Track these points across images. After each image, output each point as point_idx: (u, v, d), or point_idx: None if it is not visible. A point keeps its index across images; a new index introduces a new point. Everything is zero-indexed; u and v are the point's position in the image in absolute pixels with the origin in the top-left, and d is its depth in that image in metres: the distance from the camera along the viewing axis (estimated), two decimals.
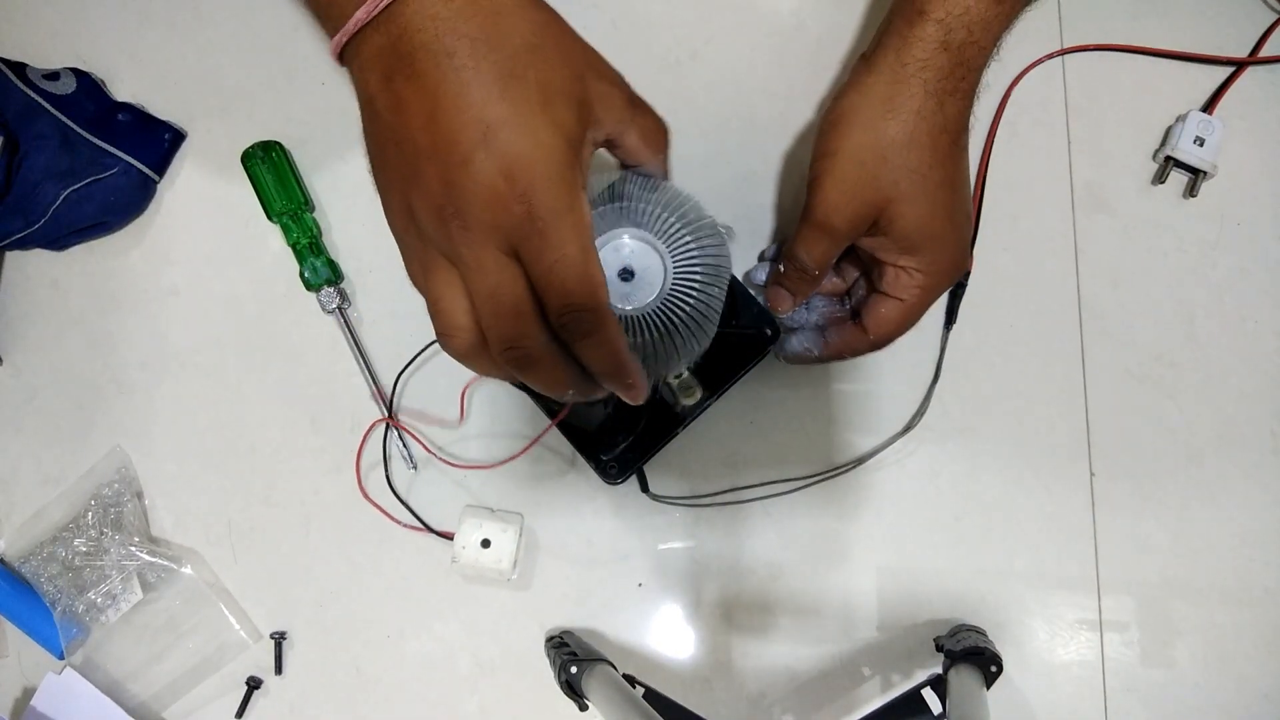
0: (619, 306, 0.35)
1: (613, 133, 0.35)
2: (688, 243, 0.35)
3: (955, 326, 0.55)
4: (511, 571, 0.51)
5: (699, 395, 0.41)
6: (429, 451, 0.55)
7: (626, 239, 0.35)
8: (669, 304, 0.35)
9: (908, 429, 0.54)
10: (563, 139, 0.31)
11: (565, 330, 0.31)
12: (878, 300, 0.45)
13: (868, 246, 0.43)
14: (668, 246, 0.35)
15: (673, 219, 0.36)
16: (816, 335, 0.49)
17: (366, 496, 0.54)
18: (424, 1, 0.30)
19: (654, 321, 0.35)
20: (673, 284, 0.35)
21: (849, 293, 0.50)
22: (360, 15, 0.31)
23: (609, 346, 0.32)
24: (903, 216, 0.40)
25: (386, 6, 0.30)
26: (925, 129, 0.40)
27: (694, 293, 0.35)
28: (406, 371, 0.55)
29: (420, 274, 0.33)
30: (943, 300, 0.55)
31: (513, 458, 0.53)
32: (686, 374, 0.41)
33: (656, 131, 0.39)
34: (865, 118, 0.41)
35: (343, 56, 0.33)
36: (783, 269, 0.47)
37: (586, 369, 0.33)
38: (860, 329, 0.46)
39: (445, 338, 0.33)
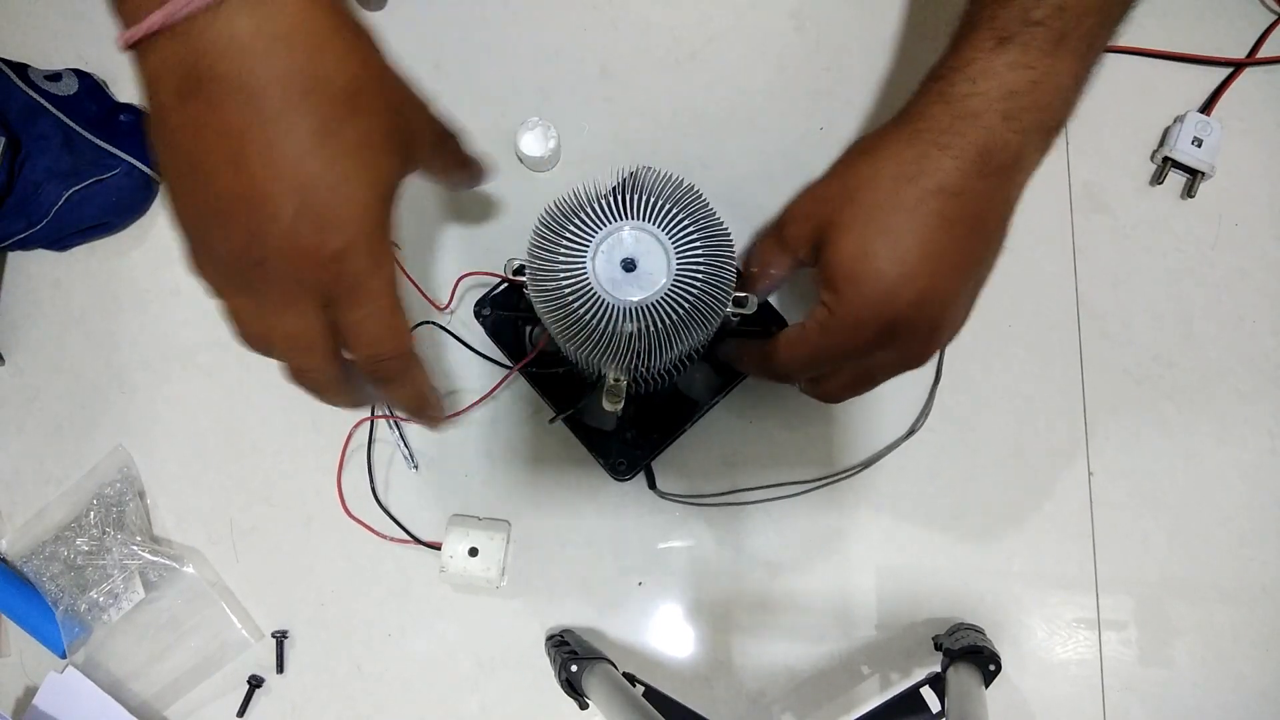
0: (620, 298, 0.35)
1: (423, 164, 0.36)
2: (691, 235, 0.36)
3: None
4: (500, 579, 0.51)
5: (621, 407, 0.40)
6: (394, 417, 0.55)
7: (629, 230, 0.36)
8: (671, 296, 0.35)
9: (911, 432, 0.54)
10: (378, 195, 0.31)
11: (372, 375, 0.33)
12: (796, 325, 0.41)
13: (811, 278, 0.40)
14: (671, 239, 0.35)
15: (677, 211, 0.36)
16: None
17: (349, 514, 0.54)
18: (231, 24, 0.28)
19: (655, 312, 0.35)
20: (675, 276, 0.35)
21: None
22: (155, 19, 0.28)
23: (413, 388, 0.34)
24: (833, 243, 0.37)
25: (187, 17, 0.28)
26: (890, 172, 0.36)
27: (697, 285, 0.35)
28: None
29: (211, 283, 0.33)
30: None
31: (474, 404, 0.53)
32: (615, 380, 0.40)
33: (459, 149, 0.40)
34: (857, 153, 0.39)
35: (132, 45, 0.30)
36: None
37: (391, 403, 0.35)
38: (759, 342, 0.42)
39: (243, 342, 0.34)
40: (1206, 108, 0.57)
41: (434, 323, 0.54)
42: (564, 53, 0.59)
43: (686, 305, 0.35)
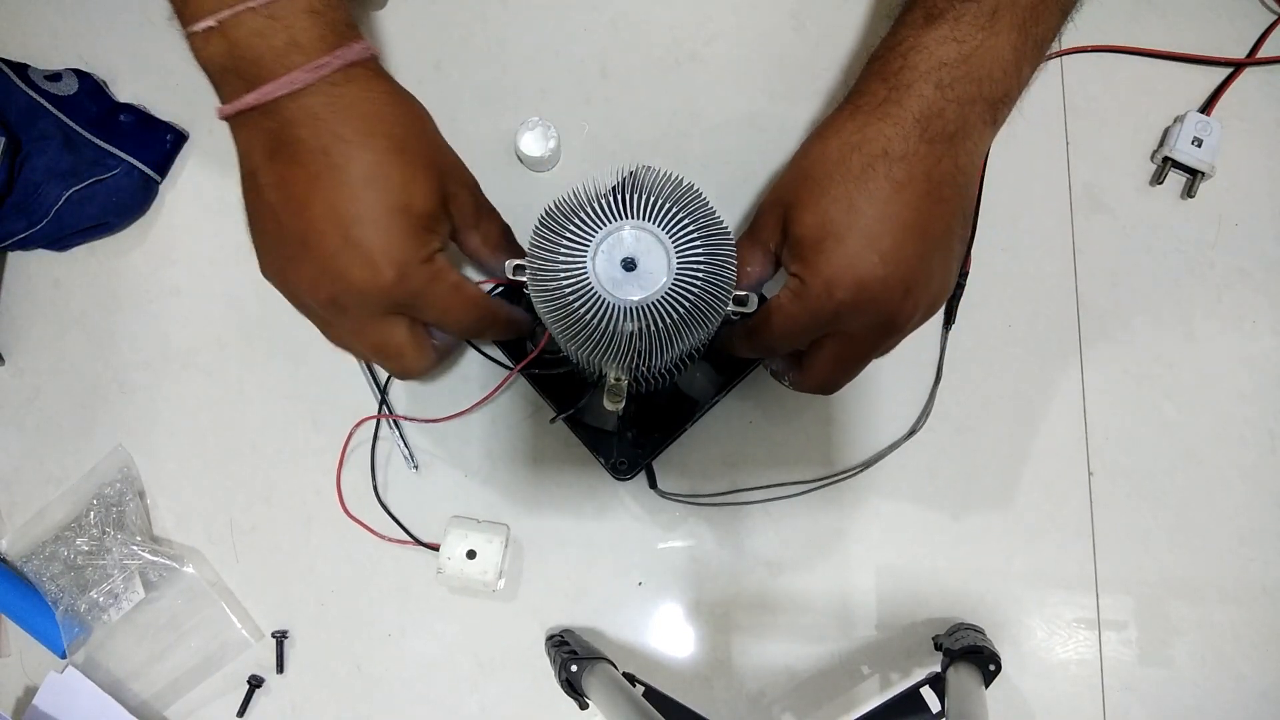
0: (621, 297, 0.35)
1: (459, 230, 0.41)
2: (691, 234, 0.35)
3: (953, 327, 0.55)
4: (496, 582, 0.51)
5: (622, 406, 0.40)
6: (398, 418, 0.55)
7: (629, 230, 0.35)
8: (672, 295, 0.35)
9: (912, 432, 0.54)
10: (423, 225, 0.37)
11: (471, 335, 0.41)
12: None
13: (784, 261, 0.41)
14: (671, 238, 0.35)
15: (677, 210, 0.35)
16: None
17: (348, 513, 0.54)
18: (308, 102, 0.35)
19: (656, 311, 0.35)
20: (676, 275, 0.35)
21: None
22: (250, 99, 0.35)
23: (505, 329, 0.43)
24: (795, 221, 0.38)
25: (275, 98, 0.35)
26: (835, 145, 0.38)
27: (697, 283, 0.35)
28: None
29: (315, 323, 0.40)
30: None
31: (482, 401, 0.53)
32: (616, 379, 0.40)
33: (498, 236, 0.45)
34: (809, 139, 0.41)
35: (228, 117, 0.37)
36: None
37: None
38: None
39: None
40: (1206, 108, 0.57)
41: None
42: (564, 53, 0.59)
43: (687, 304, 0.35)
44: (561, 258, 0.35)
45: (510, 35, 0.59)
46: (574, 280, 0.35)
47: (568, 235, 0.35)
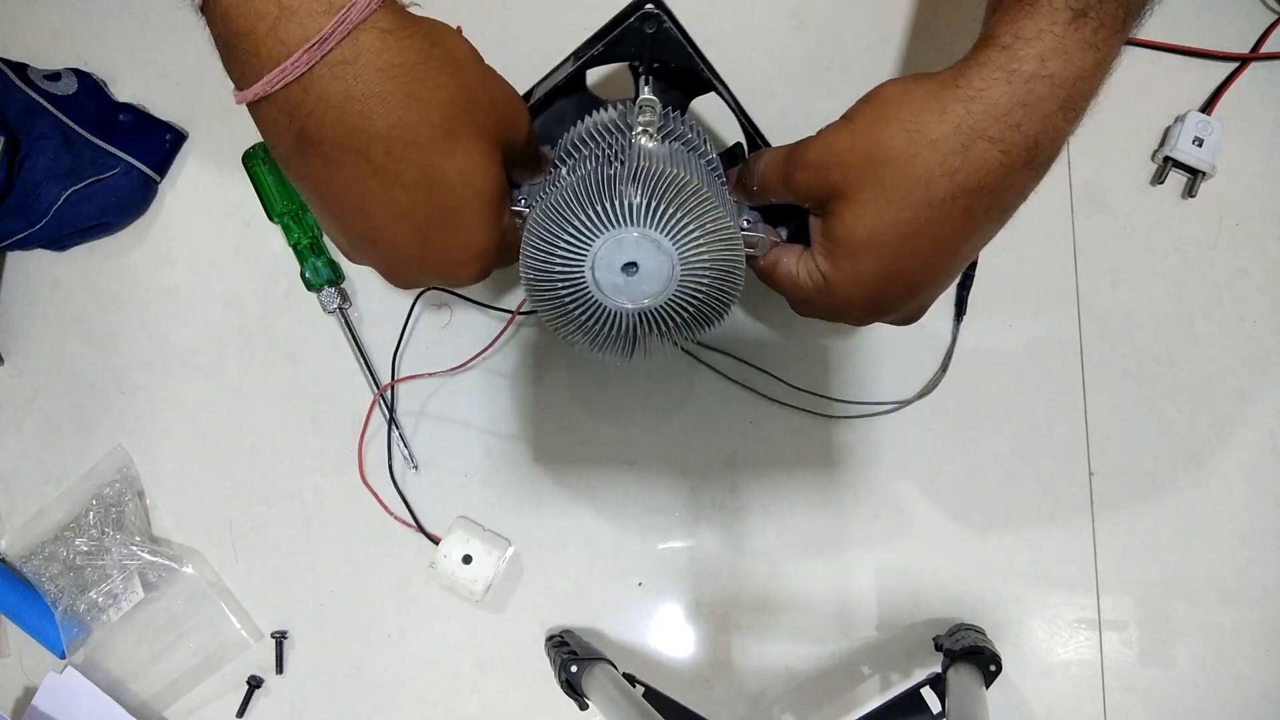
0: (624, 303, 0.33)
1: (510, 168, 0.37)
2: (694, 234, 0.33)
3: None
4: (483, 595, 0.51)
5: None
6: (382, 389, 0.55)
7: (626, 234, 0.33)
8: (679, 295, 0.34)
9: (923, 393, 0.54)
10: (493, 205, 0.33)
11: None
12: (796, 253, 0.38)
13: (813, 233, 0.37)
14: (673, 240, 0.33)
15: (677, 210, 0.33)
16: None
17: (365, 482, 0.54)
18: (323, 89, 0.28)
19: (663, 313, 0.34)
20: (682, 276, 0.33)
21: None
22: (257, 89, 0.29)
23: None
24: (841, 215, 0.34)
25: (284, 85, 0.28)
26: (925, 159, 0.32)
27: (704, 283, 0.34)
28: (406, 361, 0.55)
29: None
30: (951, 293, 0.55)
31: (483, 352, 0.53)
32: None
33: (542, 161, 0.41)
34: (891, 111, 0.33)
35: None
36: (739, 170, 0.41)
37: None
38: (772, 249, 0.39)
39: None
40: (1207, 107, 0.57)
41: (438, 287, 0.53)
42: (564, 52, 0.59)
43: (695, 303, 0.34)
44: (558, 266, 0.33)
45: (510, 34, 0.59)
46: (573, 290, 0.33)
47: (563, 243, 0.33)
